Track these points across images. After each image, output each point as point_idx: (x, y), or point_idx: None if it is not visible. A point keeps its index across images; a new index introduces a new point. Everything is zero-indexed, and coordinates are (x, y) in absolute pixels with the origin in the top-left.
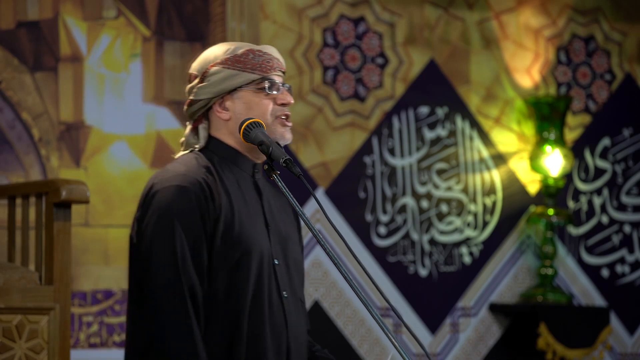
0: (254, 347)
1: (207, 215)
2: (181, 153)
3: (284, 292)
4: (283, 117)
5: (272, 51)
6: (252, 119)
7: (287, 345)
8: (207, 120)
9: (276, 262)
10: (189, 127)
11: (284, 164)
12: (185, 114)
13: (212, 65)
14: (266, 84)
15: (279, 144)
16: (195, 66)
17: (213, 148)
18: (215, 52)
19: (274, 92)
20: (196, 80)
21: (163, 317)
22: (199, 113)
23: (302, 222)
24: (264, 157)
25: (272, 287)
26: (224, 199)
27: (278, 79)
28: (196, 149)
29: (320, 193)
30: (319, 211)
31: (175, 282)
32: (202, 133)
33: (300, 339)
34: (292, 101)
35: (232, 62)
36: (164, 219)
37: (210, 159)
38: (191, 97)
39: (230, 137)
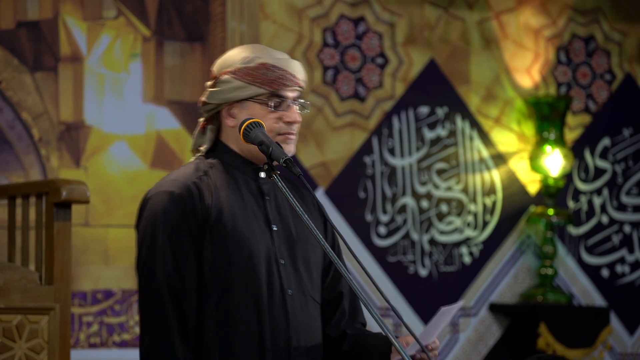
0: (247, 341)
1: (194, 216)
2: (191, 159)
3: (289, 290)
4: (287, 135)
5: (289, 66)
6: (252, 119)
7: (288, 342)
8: (219, 122)
9: (282, 262)
10: (199, 126)
11: (284, 164)
12: (200, 111)
13: (225, 73)
14: (273, 102)
15: (279, 145)
16: (216, 66)
17: (218, 152)
18: (234, 57)
19: (280, 110)
20: (211, 83)
21: (145, 319)
22: (209, 114)
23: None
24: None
25: (275, 285)
26: (216, 199)
27: (291, 94)
28: (202, 151)
29: (320, 193)
30: None
31: (158, 285)
32: (209, 134)
33: (308, 335)
34: (300, 119)
35: (243, 73)
36: (150, 225)
37: (212, 162)
38: (203, 99)
39: (234, 143)
